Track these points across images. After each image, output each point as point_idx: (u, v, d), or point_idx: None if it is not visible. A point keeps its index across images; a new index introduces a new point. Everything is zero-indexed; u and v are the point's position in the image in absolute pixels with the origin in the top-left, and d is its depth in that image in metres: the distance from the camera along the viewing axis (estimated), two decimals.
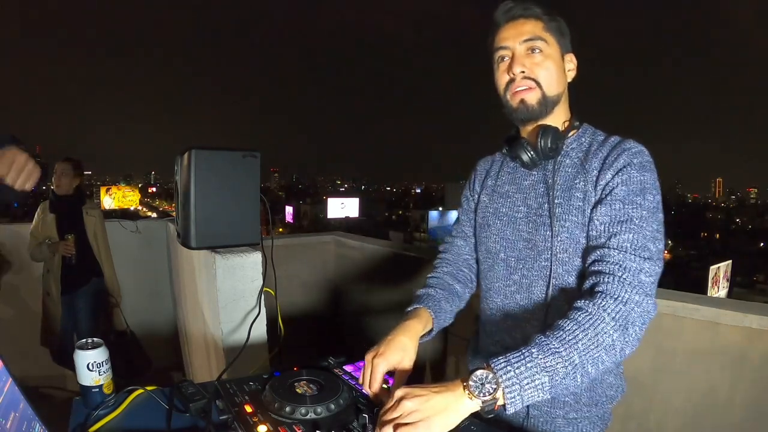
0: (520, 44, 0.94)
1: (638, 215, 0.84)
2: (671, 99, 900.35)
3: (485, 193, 1.11)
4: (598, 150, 0.94)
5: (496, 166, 1.12)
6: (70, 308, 2.81)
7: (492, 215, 1.07)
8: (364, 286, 3.05)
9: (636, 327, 0.78)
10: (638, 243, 0.82)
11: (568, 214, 0.92)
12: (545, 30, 0.95)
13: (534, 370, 0.71)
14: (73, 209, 2.83)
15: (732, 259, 18.21)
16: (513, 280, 1.02)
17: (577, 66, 1.00)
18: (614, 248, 0.83)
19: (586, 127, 1.00)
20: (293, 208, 41.01)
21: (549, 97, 0.95)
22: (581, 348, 0.74)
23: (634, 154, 0.89)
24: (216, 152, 1.43)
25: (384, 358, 0.86)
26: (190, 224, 1.41)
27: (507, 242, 1.03)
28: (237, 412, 0.81)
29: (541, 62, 0.94)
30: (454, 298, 1.10)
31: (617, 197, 0.86)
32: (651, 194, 0.86)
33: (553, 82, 0.95)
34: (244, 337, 1.35)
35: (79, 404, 0.87)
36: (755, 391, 1.48)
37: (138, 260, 3.49)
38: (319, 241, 3.36)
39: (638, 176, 0.87)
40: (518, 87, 0.95)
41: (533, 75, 0.94)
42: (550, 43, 0.95)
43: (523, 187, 1.02)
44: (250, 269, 1.48)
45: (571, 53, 0.99)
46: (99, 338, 0.89)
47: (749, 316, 1.48)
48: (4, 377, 0.62)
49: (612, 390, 1.00)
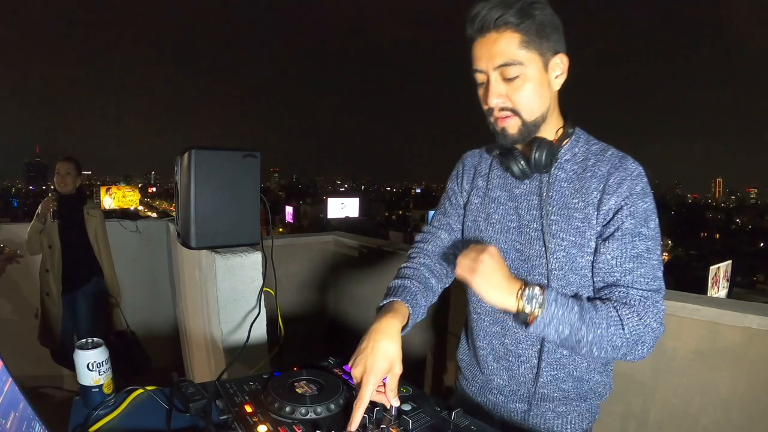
0: (493, 70, 0.87)
1: (645, 247, 0.88)
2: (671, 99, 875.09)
3: (476, 194, 1.07)
4: (596, 166, 0.92)
5: (485, 164, 1.08)
6: (70, 308, 2.81)
7: (484, 221, 1.04)
8: (364, 286, 3.05)
9: (645, 347, 0.85)
10: (650, 275, 0.88)
11: (566, 233, 0.92)
12: (521, 45, 0.85)
13: (565, 319, 0.83)
14: (75, 208, 2.83)
15: (732, 259, 18.21)
16: None
17: (569, 66, 0.91)
18: (631, 285, 0.87)
19: (579, 134, 0.97)
20: (293, 208, 41.00)
21: (530, 122, 0.91)
22: (598, 334, 0.83)
23: (635, 180, 0.89)
24: (216, 152, 1.43)
25: (374, 376, 0.80)
26: (190, 224, 1.41)
27: (500, 251, 0.99)
28: (237, 412, 0.81)
29: (518, 88, 0.87)
30: (429, 293, 1.06)
31: (626, 231, 0.87)
32: (653, 220, 0.89)
33: (534, 107, 0.90)
34: (244, 337, 1.35)
35: (79, 404, 0.87)
36: (755, 391, 1.48)
37: (138, 260, 3.49)
38: (319, 241, 3.36)
39: (642, 205, 0.88)
40: (497, 116, 0.91)
41: (510, 104, 0.89)
42: (527, 62, 0.86)
43: (514, 195, 1.00)
44: (250, 269, 1.48)
45: (561, 53, 0.90)
46: (99, 338, 0.90)
47: (749, 316, 1.48)
48: (4, 377, 0.62)
49: (600, 387, 1.03)
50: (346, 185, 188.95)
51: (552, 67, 0.90)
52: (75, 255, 2.80)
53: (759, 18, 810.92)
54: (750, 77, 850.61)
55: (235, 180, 1.45)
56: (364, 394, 0.78)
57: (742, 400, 1.50)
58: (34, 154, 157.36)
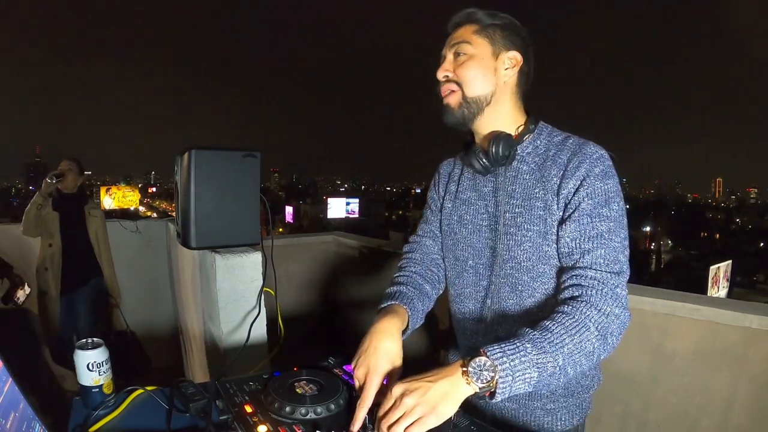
0: (449, 50, 0.97)
1: (606, 228, 0.86)
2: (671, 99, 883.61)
3: (448, 198, 1.11)
4: (556, 155, 0.93)
5: (457, 170, 1.12)
6: (69, 308, 2.81)
7: (457, 223, 1.07)
8: (364, 287, 3.05)
9: (614, 337, 0.83)
10: (610, 257, 0.85)
11: (530, 223, 0.93)
12: (476, 33, 0.95)
13: (527, 364, 0.74)
14: (76, 208, 2.84)
15: (732, 259, 18.20)
16: (482, 286, 1.03)
17: (530, 67, 0.98)
18: (589, 267, 0.86)
19: (542, 128, 0.99)
20: (293, 208, 41.00)
21: (470, 98, 0.95)
22: (566, 352, 0.77)
23: (594, 162, 0.89)
24: (216, 152, 1.43)
25: (377, 375, 0.82)
26: (190, 224, 1.41)
27: (474, 250, 1.03)
28: (237, 412, 0.81)
29: (462, 63, 0.95)
30: (425, 298, 1.08)
31: (584, 212, 0.87)
32: (615, 203, 0.88)
33: (476, 84, 0.94)
34: (244, 337, 1.35)
35: (79, 404, 0.87)
36: (755, 391, 1.48)
37: (138, 260, 3.48)
38: (319, 241, 3.36)
39: (601, 186, 0.88)
40: (442, 89, 0.97)
41: (454, 76, 0.95)
42: (476, 44, 0.94)
43: (483, 194, 1.02)
44: (250, 269, 1.49)
45: (515, 51, 0.96)
46: (99, 338, 0.90)
47: (749, 316, 1.48)
48: (4, 377, 0.62)
49: (587, 380, 1.03)
50: (346, 185, 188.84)
51: (501, 59, 0.96)
52: (75, 254, 2.80)
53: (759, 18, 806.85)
54: (750, 77, 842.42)
55: (235, 180, 1.45)
56: (367, 395, 0.79)
57: (742, 400, 1.50)
58: (34, 154, 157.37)
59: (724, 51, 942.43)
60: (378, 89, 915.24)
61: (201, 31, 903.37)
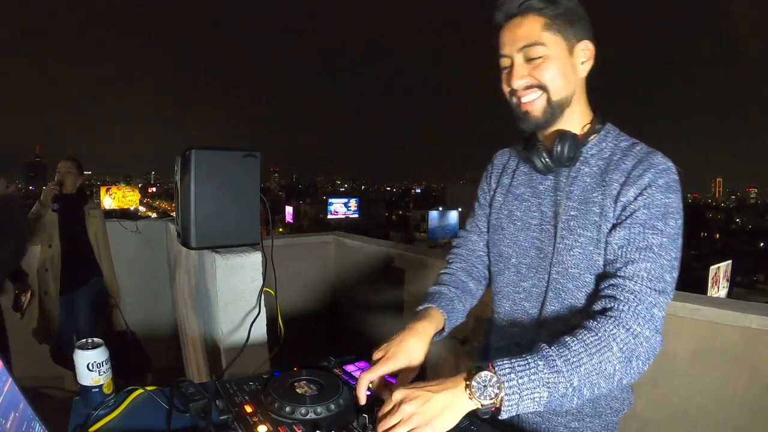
0: (517, 52, 0.87)
1: (658, 242, 0.80)
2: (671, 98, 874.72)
3: (500, 192, 1.05)
4: (621, 160, 0.87)
5: (513, 162, 1.06)
6: (69, 308, 2.81)
7: (506, 218, 1.02)
8: (364, 286, 3.05)
9: (640, 361, 0.77)
10: (655, 273, 0.79)
11: (583, 228, 0.88)
12: (545, 28, 0.85)
13: (536, 383, 0.70)
14: (75, 208, 2.83)
15: (732, 259, 18.19)
16: (522, 288, 0.98)
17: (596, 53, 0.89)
18: (630, 277, 0.80)
19: (609, 130, 0.93)
20: (293, 208, 41.02)
21: (555, 101, 0.88)
22: (582, 372, 0.72)
23: (660, 173, 0.83)
24: (216, 152, 1.43)
25: (391, 361, 0.83)
26: (190, 224, 1.41)
27: (520, 248, 0.98)
28: (237, 412, 0.81)
29: (540, 66, 0.86)
30: (467, 296, 1.06)
31: (638, 221, 0.82)
32: (673, 218, 0.82)
33: (561, 84, 0.87)
34: (244, 337, 1.35)
35: (79, 404, 0.87)
36: (755, 391, 1.48)
37: (138, 260, 3.48)
38: (319, 241, 3.36)
39: (662, 198, 0.82)
40: (522, 98, 0.89)
41: (535, 81, 0.87)
42: (550, 44, 0.85)
43: (538, 192, 0.97)
44: (250, 269, 1.48)
45: (587, 40, 0.88)
46: (99, 338, 0.90)
47: (749, 316, 1.48)
48: (4, 377, 0.62)
49: (617, 402, 0.96)
50: (346, 185, 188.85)
51: (577, 53, 0.88)
52: (75, 255, 2.80)
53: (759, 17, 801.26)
54: (750, 77, 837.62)
55: (235, 180, 1.45)
56: (374, 369, 0.82)
57: (742, 400, 1.50)
58: (34, 155, 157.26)
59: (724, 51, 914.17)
60: (378, 89, 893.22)
61: (201, 31, 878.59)
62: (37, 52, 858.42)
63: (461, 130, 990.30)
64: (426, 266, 2.57)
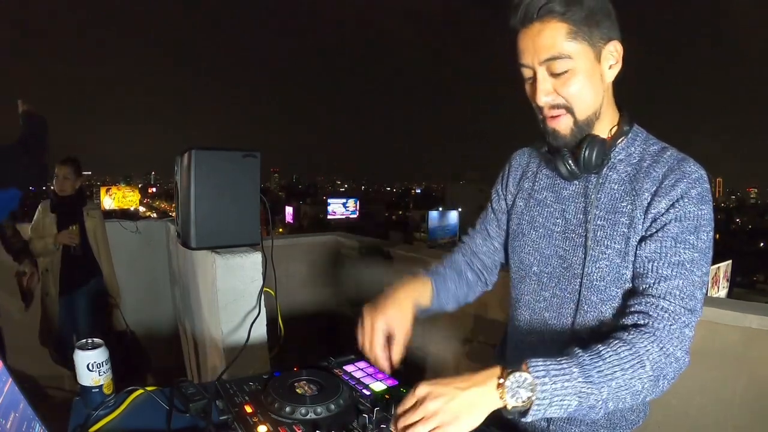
0: (540, 65, 0.80)
1: (690, 258, 0.77)
2: (670, 98, 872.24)
3: (521, 197, 1.00)
4: (651, 168, 0.83)
5: (534, 164, 1.00)
6: (69, 309, 2.81)
7: (528, 224, 0.97)
8: (364, 287, 3.05)
9: (666, 381, 0.75)
10: (687, 291, 0.76)
11: (611, 240, 0.83)
12: (569, 37, 0.77)
13: (569, 390, 0.67)
14: (74, 209, 2.83)
15: (732, 259, 18.19)
16: (543, 297, 0.94)
17: (624, 53, 0.82)
18: (663, 296, 0.77)
19: (637, 132, 0.88)
20: (293, 208, 41.03)
21: (582, 121, 0.83)
22: (613, 386, 0.70)
23: (693, 183, 0.79)
24: (216, 152, 1.43)
25: (383, 314, 0.83)
26: (190, 224, 1.42)
27: (541, 256, 0.94)
28: (237, 412, 0.81)
29: (567, 82, 0.80)
30: (463, 283, 1.04)
31: (669, 234, 0.78)
32: (705, 232, 0.79)
33: (587, 103, 0.81)
34: (244, 337, 1.35)
35: (79, 404, 0.87)
36: (754, 391, 1.48)
37: (138, 260, 3.48)
38: (319, 241, 3.36)
39: (695, 211, 0.78)
40: (548, 115, 0.84)
41: (560, 101, 0.81)
42: (576, 55, 0.78)
43: (561, 197, 0.92)
44: (250, 269, 1.48)
45: (615, 40, 0.81)
46: (99, 338, 0.90)
47: (749, 316, 1.48)
48: (4, 377, 0.62)
49: (633, 414, 0.93)
50: (346, 185, 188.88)
51: (605, 57, 0.81)
52: (74, 255, 2.80)
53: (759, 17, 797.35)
54: (750, 77, 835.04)
55: (235, 180, 1.45)
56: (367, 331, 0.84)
57: (742, 400, 1.50)
58: None
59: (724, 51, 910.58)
60: (378, 89, 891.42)
61: (201, 31, 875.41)
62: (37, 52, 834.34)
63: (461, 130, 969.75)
64: (426, 266, 2.57)
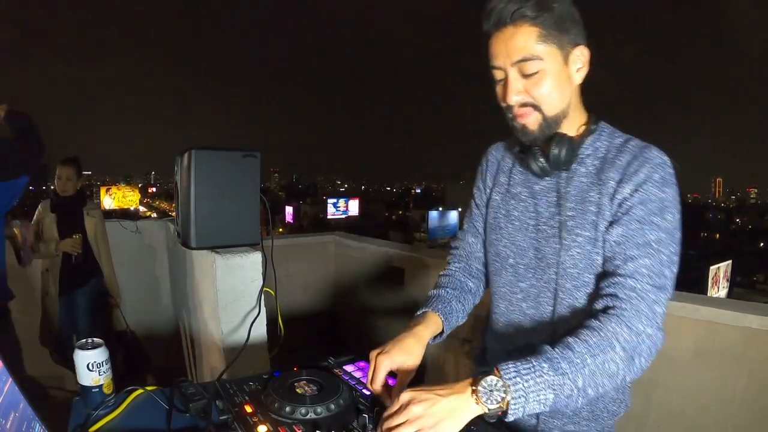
0: (511, 66, 0.84)
1: (656, 238, 0.80)
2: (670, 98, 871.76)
3: (498, 191, 1.04)
4: (616, 157, 0.87)
5: (509, 159, 1.04)
6: (69, 308, 2.82)
7: (504, 218, 1.01)
8: (364, 286, 3.05)
9: (642, 358, 0.77)
10: (655, 269, 0.79)
11: (581, 228, 0.88)
12: (540, 40, 0.82)
13: (542, 385, 0.70)
14: (74, 210, 2.83)
15: (732, 259, 18.20)
16: (520, 288, 0.98)
17: (590, 58, 0.87)
18: (630, 275, 0.80)
19: (603, 128, 0.92)
20: (293, 208, 41.03)
21: (550, 117, 0.87)
22: (587, 373, 0.73)
23: (655, 167, 0.83)
24: (216, 152, 1.43)
25: (389, 357, 0.85)
26: (190, 224, 1.41)
27: (517, 248, 0.98)
28: (237, 412, 0.81)
29: (537, 83, 0.84)
30: (467, 295, 1.07)
31: (635, 217, 0.82)
32: (671, 213, 0.82)
33: (555, 102, 0.86)
34: (244, 337, 1.35)
35: (79, 404, 0.87)
36: (755, 391, 1.48)
37: (138, 260, 3.48)
38: (319, 241, 3.36)
39: (658, 193, 0.82)
40: (517, 113, 0.88)
41: (529, 99, 0.86)
42: (546, 56, 0.83)
43: (534, 192, 0.96)
44: (250, 269, 1.48)
45: (582, 45, 0.86)
46: (99, 338, 0.90)
47: (749, 316, 1.48)
48: (4, 377, 0.62)
49: (614, 405, 0.97)
50: (346, 185, 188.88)
51: (572, 60, 0.86)
52: (74, 255, 2.80)
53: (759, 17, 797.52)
54: (750, 77, 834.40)
55: (235, 180, 1.45)
56: (371, 369, 0.86)
57: (742, 400, 1.51)
58: None
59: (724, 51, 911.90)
60: (378, 89, 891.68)
61: (201, 31, 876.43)
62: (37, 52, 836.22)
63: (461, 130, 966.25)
64: (426, 266, 2.57)
